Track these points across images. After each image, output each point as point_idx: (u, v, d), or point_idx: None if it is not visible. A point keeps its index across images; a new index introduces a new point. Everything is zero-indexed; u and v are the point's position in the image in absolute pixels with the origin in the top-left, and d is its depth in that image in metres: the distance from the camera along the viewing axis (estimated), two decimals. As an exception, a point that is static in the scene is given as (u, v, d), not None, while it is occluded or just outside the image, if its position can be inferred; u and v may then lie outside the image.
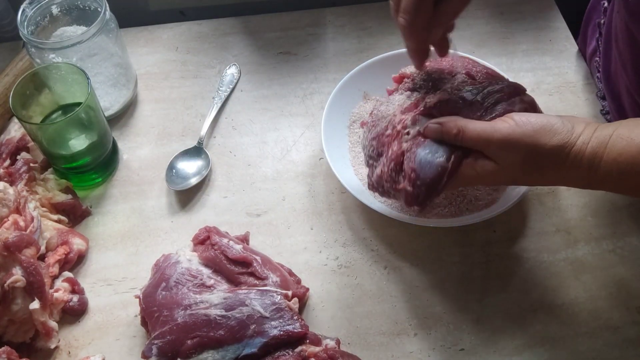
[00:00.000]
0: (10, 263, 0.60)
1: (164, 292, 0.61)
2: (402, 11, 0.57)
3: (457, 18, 0.60)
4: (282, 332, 0.58)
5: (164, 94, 0.84)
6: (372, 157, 0.63)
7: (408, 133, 0.60)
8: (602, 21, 0.74)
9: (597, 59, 0.77)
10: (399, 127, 0.61)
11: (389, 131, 0.61)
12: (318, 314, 0.65)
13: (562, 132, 0.53)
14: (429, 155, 0.58)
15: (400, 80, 0.68)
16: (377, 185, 0.63)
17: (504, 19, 0.90)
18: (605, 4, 0.73)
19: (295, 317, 0.60)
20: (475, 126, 0.56)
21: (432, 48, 0.62)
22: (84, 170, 0.73)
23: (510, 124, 0.54)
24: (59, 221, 0.70)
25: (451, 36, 0.63)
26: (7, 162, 0.72)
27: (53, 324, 0.62)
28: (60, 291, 0.64)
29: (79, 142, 0.70)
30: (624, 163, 0.51)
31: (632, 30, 0.64)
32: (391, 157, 0.60)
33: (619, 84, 0.72)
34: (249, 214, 0.72)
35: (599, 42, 0.76)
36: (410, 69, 0.67)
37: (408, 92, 0.64)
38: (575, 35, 0.88)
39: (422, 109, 0.61)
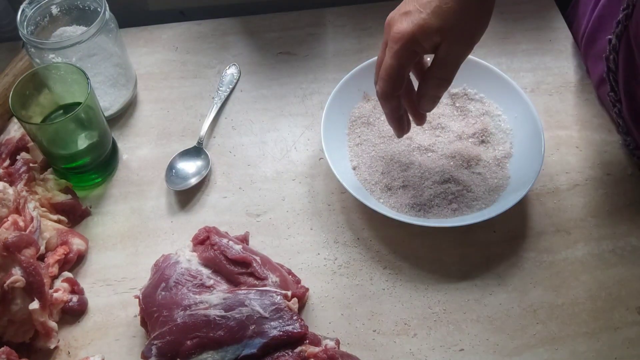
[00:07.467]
0: (10, 263, 0.60)
1: (163, 293, 0.61)
2: (379, 78, 0.60)
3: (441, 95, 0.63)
4: (281, 333, 0.58)
5: (164, 94, 0.84)
6: None
7: None
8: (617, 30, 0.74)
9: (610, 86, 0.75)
10: None
11: None
12: (318, 314, 0.65)
13: None
14: None
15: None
16: None
17: (504, 19, 0.90)
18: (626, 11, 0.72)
19: (295, 318, 0.59)
20: None
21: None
22: (83, 170, 0.73)
23: None
24: (58, 221, 0.70)
25: None
26: (7, 162, 0.71)
27: (53, 324, 0.62)
28: (59, 291, 0.64)
29: (78, 142, 0.70)
30: None
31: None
32: None
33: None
34: (249, 214, 0.72)
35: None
36: None
37: None
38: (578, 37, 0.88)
39: None
